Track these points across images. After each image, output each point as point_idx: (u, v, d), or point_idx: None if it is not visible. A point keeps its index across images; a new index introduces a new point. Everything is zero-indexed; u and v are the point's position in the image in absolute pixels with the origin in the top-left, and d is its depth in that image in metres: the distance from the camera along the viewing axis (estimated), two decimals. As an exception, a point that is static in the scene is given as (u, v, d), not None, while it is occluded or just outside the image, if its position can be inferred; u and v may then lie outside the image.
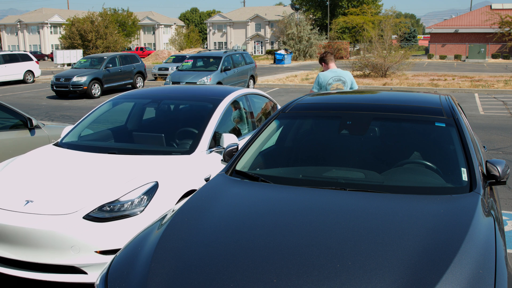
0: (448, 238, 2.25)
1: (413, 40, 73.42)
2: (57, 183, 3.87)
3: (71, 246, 3.42)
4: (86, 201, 3.57)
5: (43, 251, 3.45)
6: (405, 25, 35.23)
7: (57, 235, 3.41)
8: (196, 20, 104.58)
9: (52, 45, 75.16)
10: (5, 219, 3.52)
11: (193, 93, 5.65)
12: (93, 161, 4.25)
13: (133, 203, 3.62)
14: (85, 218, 3.48)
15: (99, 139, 5.12)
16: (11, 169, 4.21)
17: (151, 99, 5.56)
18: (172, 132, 4.81)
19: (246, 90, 5.70)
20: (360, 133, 3.59)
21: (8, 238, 3.52)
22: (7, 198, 3.72)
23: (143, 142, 4.79)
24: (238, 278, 2.01)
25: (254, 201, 2.88)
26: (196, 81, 16.25)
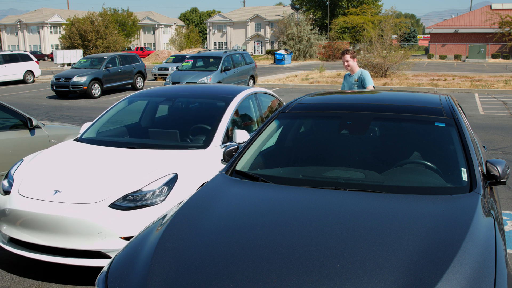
0: (448, 238, 2.25)
1: (413, 40, 73.41)
2: (82, 174, 4.12)
3: (98, 232, 3.65)
4: (111, 191, 3.81)
5: (72, 237, 3.69)
6: (405, 25, 35.23)
7: (85, 222, 3.65)
8: (196, 20, 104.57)
9: (52, 45, 75.16)
10: (36, 208, 3.78)
11: (206, 92, 5.96)
12: (114, 154, 4.49)
13: (155, 193, 3.85)
14: (111, 206, 3.72)
15: (117, 135, 5.37)
16: (37, 162, 4.44)
17: (166, 97, 5.83)
18: (186, 129, 5.06)
19: (255, 89, 5.96)
20: (360, 133, 3.59)
21: (39, 225, 3.77)
22: (37, 189, 3.97)
23: (158, 137, 5.03)
24: (238, 278, 2.01)
25: (254, 201, 2.88)
26: (196, 81, 16.25)
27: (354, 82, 6.32)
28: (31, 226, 3.82)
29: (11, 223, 3.94)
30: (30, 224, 3.83)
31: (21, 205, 3.87)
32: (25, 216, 3.84)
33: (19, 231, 3.90)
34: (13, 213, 3.91)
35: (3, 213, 3.98)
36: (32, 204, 3.83)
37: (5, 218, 3.97)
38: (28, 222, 3.83)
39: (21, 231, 3.89)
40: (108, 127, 5.46)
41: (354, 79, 6.33)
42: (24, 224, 3.86)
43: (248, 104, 5.61)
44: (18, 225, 3.90)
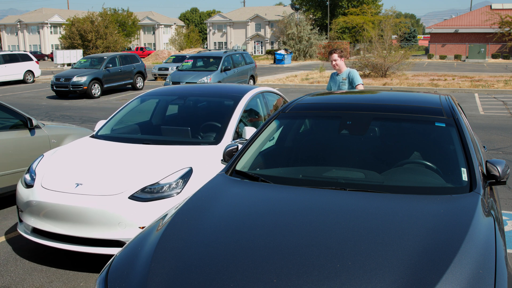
0: (448, 238, 2.25)
1: (413, 40, 73.40)
2: (101, 168, 4.35)
3: (118, 222, 3.85)
4: (130, 184, 4.03)
5: (93, 227, 3.90)
6: (405, 25, 35.21)
7: (106, 213, 3.87)
8: (196, 20, 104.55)
9: (52, 45, 75.14)
10: (59, 200, 4.01)
11: (215, 91, 6.25)
12: (130, 150, 4.72)
13: (171, 186, 4.07)
14: (130, 198, 3.93)
15: (130, 132, 5.58)
16: (57, 157, 4.69)
17: (177, 96, 6.06)
18: (197, 126, 5.27)
19: (262, 88, 6.17)
20: (360, 133, 3.58)
21: (62, 216, 4.00)
22: (59, 182, 4.21)
23: (171, 134, 5.23)
24: (238, 278, 2.01)
25: (254, 201, 2.88)
26: (196, 81, 16.25)
27: (342, 81, 6.35)
28: (54, 217, 4.04)
29: (34, 214, 4.16)
30: (53, 215, 4.04)
31: (45, 197, 4.10)
32: (49, 208, 4.05)
33: (43, 221, 4.11)
34: (36, 205, 4.12)
35: (27, 205, 4.21)
36: (55, 196, 4.06)
37: (29, 209, 4.20)
38: (52, 213, 4.05)
39: (44, 222, 4.10)
40: (121, 125, 5.69)
41: (342, 78, 6.37)
42: (48, 215, 4.07)
43: (255, 103, 5.84)
44: (41, 216, 4.11)
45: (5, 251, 4.54)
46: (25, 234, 4.29)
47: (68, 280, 3.92)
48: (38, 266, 4.20)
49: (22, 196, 4.33)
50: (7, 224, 5.30)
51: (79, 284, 3.86)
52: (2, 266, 4.22)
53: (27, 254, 4.45)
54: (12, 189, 5.67)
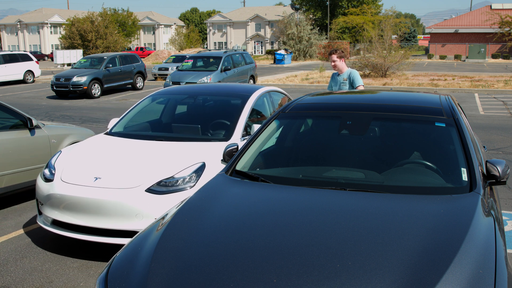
0: (448, 238, 2.24)
1: (413, 40, 73.39)
2: (118, 163, 4.57)
3: (136, 214, 4.04)
4: (146, 178, 4.23)
5: (112, 218, 4.10)
6: (405, 25, 35.21)
7: (124, 205, 4.07)
8: (196, 20, 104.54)
9: (52, 45, 75.13)
10: (79, 192, 4.21)
11: (224, 90, 6.52)
12: (144, 146, 4.94)
13: (185, 180, 4.26)
14: (147, 191, 4.13)
15: (142, 129, 5.77)
16: (75, 153, 4.90)
17: (187, 95, 6.30)
18: (207, 124, 5.48)
19: (268, 88, 6.40)
20: (360, 133, 3.58)
21: (81, 208, 4.19)
22: (78, 176, 4.41)
23: (182, 132, 5.42)
24: (238, 278, 2.01)
25: (254, 201, 2.88)
26: (196, 81, 16.25)
27: (343, 82, 6.36)
28: (74, 209, 4.24)
29: (54, 206, 4.35)
30: (73, 207, 4.24)
31: (65, 190, 4.30)
32: (69, 200, 4.25)
33: (63, 213, 4.31)
34: (57, 198, 4.32)
35: (48, 198, 4.40)
36: (75, 189, 4.26)
37: (49, 202, 4.39)
38: (71, 206, 4.25)
39: (64, 214, 4.30)
40: (133, 123, 5.88)
41: (343, 78, 6.38)
42: (68, 207, 4.27)
43: (262, 101, 6.06)
44: (61, 208, 4.31)
45: (5, 251, 4.54)
46: (45, 226, 4.48)
47: (68, 280, 3.92)
48: (38, 266, 4.20)
49: (42, 190, 4.51)
50: (7, 224, 5.30)
51: (79, 284, 3.86)
52: (2, 266, 4.22)
53: (28, 254, 4.46)
54: (12, 189, 5.68)
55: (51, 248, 4.58)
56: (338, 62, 6.39)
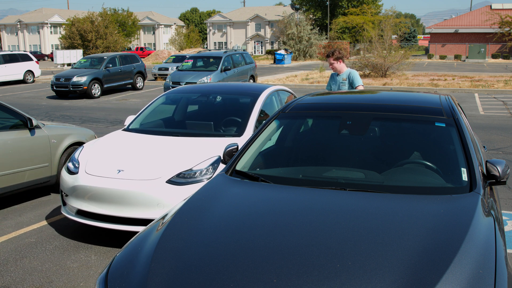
0: (448, 238, 2.24)
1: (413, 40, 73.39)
2: (139, 157, 4.84)
3: (157, 203, 4.29)
4: (167, 170, 4.49)
5: (134, 208, 4.35)
6: (405, 25, 35.21)
7: (147, 195, 4.33)
8: (196, 20, 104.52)
9: (52, 45, 75.12)
10: (103, 184, 4.47)
11: (235, 89, 6.87)
12: (161, 141, 5.22)
13: (202, 172, 4.51)
14: (167, 182, 4.39)
15: (158, 126, 6.01)
16: (97, 147, 5.18)
17: (200, 93, 6.61)
18: (219, 121, 5.75)
19: (276, 87, 6.69)
20: (360, 133, 3.58)
21: (106, 198, 4.45)
22: (102, 168, 4.67)
23: (196, 128, 5.70)
24: (238, 278, 2.01)
25: (254, 201, 2.88)
26: (196, 81, 16.24)
27: (342, 82, 6.37)
28: (98, 199, 4.49)
29: (79, 197, 4.62)
30: (97, 198, 4.49)
31: (90, 182, 4.56)
32: (93, 191, 4.51)
33: (87, 204, 4.56)
34: (82, 189, 4.58)
35: (73, 190, 4.66)
36: (99, 181, 4.52)
37: (74, 193, 4.65)
38: (96, 196, 4.50)
39: (89, 204, 4.55)
40: (149, 119, 6.13)
41: (342, 78, 6.39)
42: (92, 198, 4.53)
43: (271, 100, 6.31)
44: (86, 199, 4.57)
45: (5, 251, 4.54)
46: (70, 216, 4.75)
47: (68, 280, 3.92)
48: (38, 266, 4.20)
49: (67, 182, 4.76)
50: (7, 224, 5.30)
51: (79, 284, 3.86)
52: (2, 266, 4.22)
53: (28, 254, 4.46)
54: (12, 189, 5.67)
55: (51, 248, 4.58)
56: (336, 64, 6.41)
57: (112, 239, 4.78)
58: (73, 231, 5.03)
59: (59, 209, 5.75)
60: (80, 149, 5.22)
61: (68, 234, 4.94)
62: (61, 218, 5.44)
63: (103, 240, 4.75)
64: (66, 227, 5.16)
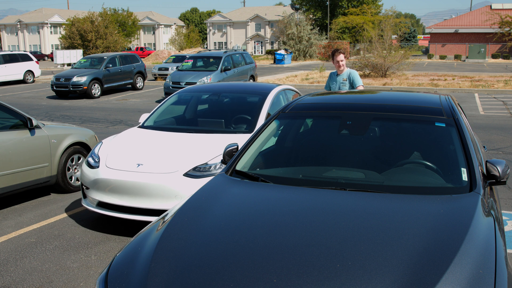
0: (448, 238, 2.24)
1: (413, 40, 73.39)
2: (156, 151, 5.08)
3: (175, 195, 4.50)
4: (183, 164, 4.74)
5: (154, 199, 4.60)
6: (405, 25, 35.22)
7: (165, 187, 4.57)
8: (196, 20, 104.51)
9: (52, 45, 75.12)
10: (123, 177, 4.71)
11: (245, 88, 7.14)
12: (176, 137, 5.47)
13: (217, 166, 4.73)
14: (184, 175, 4.63)
15: (172, 123, 6.26)
16: (115, 143, 5.41)
17: (211, 92, 6.91)
18: (230, 118, 6.01)
19: (284, 86, 6.93)
20: (360, 133, 3.58)
21: (126, 191, 4.69)
22: (122, 162, 4.90)
23: (207, 125, 5.92)
24: (238, 278, 2.01)
25: (254, 201, 2.88)
26: (196, 81, 16.23)
27: (343, 82, 6.36)
28: (119, 192, 4.73)
29: (100, 190, 4.85)
30: (118, 190, 4.73)
31: (111, 175, 4.79)
32: (114, 184, 4.74)
33: (108, 196, 4.80)
34: (103, 182, 4.81)
35: (94, 183, 4.88)
36: (120, 174, 4.75)
37: (95, 186, 4.88)
38: (117, 188, 4.74)
39: (109, 196, 4.80)
40: (162, 117, 6.38)
41: (343, 79, 6.38)
42: (113, 190, 4.76)
43: (279, 98, 6.52)
44: (107, 191, 4.80)
45: (5, 251, 4.54)
46: (91, 207, 5.00)
47: (68, 280, 3.92)
48: (38, 266, 4.20)
49: (88, 176, 4.99)
50: (7, 224, 5.30)
51: (79, 284, 3.86)
52: (2, 266, 4.22)
53: (28, 254, 4.46)
54: (12, 189, 5.67)
55: (51, 248, 4.58)
56: (342, 62, 6.38)
57: (112, 239, 4.78)
58: (73, 232, 5.03)
59: (58, 209, 5.76)
60: (99, 144, 5.47)
61: (68, 234, 4.95)
62: (61, 218, 5.44)
63: (103, 240, 4.76)
64: (66, 227, 5.16)
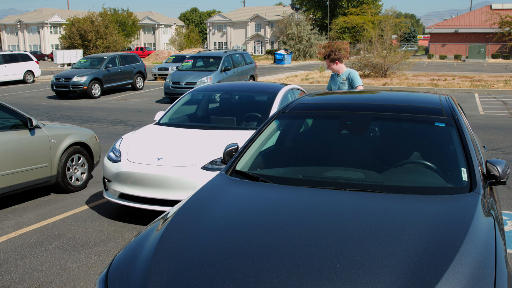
0: (448, 238, 2.24)
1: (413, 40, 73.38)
2: (174, 146, 5.39)
3: (194, 187, 4.53)
4: (201, 158, 5.02)
5: (173, 191, 4.87)
6: (405, 25, 35.22)
7: (185, 180, 4.85)
8: (196, 20, 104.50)
9: (52, 45, 75.11)
10: (145, 170, 5.01)
11: (255, 88, 7.48)
12: (192, 133, 5.77)
13: None
14: (202, 168, 4.89)
15: (186, 120, 6.54)
16: (135, 139, 5.70)
17: (223, 91, 7.23)
18: (242, 116, 6.29)
19: (291, 86, 7.16)
20: (360, 133, 3.58)
21: (147, 183, 4.98)
22: (143, 156, 5.20)
23: (220, 122, 6.20)
24: (238, 278, 2.01)
25: (254, 201, 2.88)
26: (196, 81, 16.23)
27: (342, 82, 6.38)
28: (140, 184, 5.01)
29: (122, 182, 5.14)
30: (139, 182, 5.02)
31: (132, 168, 5.08)
32: (136, 176, 5.04)
33: (130, 188, 5.09)
34: (125, 175, 5.10)
35: (116, 176, 5.17)
36: (141, 167, 5.05)
37: (117, 179, 5.17)
38: (138, 181, 5.03)
39: (131, 188, 5.08)
40: (177, 115, 6.64)
41: (342, 79, 6.40)
42: (135, 182, 5.05)
43: (287, 97, 6.70)
44: (129, 183, 5.09)
45: (5, 251, 4.54)
46: (112, 199, 5.31)
47: (68, 280, 3.92)
48: (38, 266, 4.20)
49: (110, 169, 5.28)
50: (7, 224, 5.30)
51: (79, 284, 3.86)
52: (2, 266, 4.22)
53: (28, 254, 4.46)
54: (12, 189, 5.67)
55: (51, 248, 4.58)
56: (333, 65, 6.44)
57: (112, 239, 4.78)
58: (73, 232, 5.03)
59: (59, 209, 5.76)
60: (120, 140, 5.76)
61: (68, 234, 4.95)
62: (61, 218, 5.44)
63: (103, 240, 4.76)
64: (66, 227, 5.17)
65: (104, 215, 5.52)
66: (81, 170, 6.65)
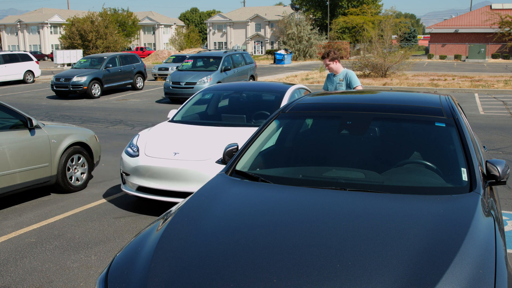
0: (448, 238, 2.24)
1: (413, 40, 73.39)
2: (189, 142, 5.66)
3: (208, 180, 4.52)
4: (215, 152, 5.23)
5: (189, 184, 5.11)
6: (405, 25, 35.22)
7: (200, 173, 5.09)
8: (196, 20, 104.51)
9: (52, 45, 75.11)
10: (162, 164, 5.30)
11: (264, 87, 7.79)
12: (204, 130, 6.04)
13: None
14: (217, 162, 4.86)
15: (199, 118, 6.81)
16: (151, 135, 5.96)
17: (233, 90, 7.48)
18: (251, 114, 6.56)
19: (298, 85, 7.40)
20: (360, 133, 3.58)
21: (164, 176, 5.26)
22: (160, 151, 5.49)
23: (230, 120, 6.42)
24: (238, 278, 2.01)
25: (254, 201, 2.88)
26: (196, 81, 16.23)
27: (339, 82, 6.38)
28: (158, 177, 5.29)
29: (140, 175, 5.40)
30: (157, 176, 5.29)
31: (150, 162, 5.36)
32: (153, 170, 5.31)
33: (148, 181, 5.36)
34: (143, 169, 5.37)
35: (134, 170, 5.44)
36: (158, 161, 5.33)
37: (135, 172, 5.43)
38: (156, 174, 5.30)
39: (149, 181, 5.35)
40: (189, 113, 6.92)
41: (339, 79, 6.39)
42: (152, 176, 5.32)
43: (294, 96, 6.84)
44: (146, 177, 5.36)
45: (5, 251, 4.54)
46: (131, 192, 5.55)
47: (68, 280, 3.92)
48: (38, 266, 4.20)
49: (128, 163, 5.53)
50: (7, 224, 5.30)
51: (79, 284, 3.86)
52: (2, 266, 4.22)
53: (28, 254, 4.46)
54: (12, 189, 5.67)
55: (51, 248, 4.58)
56: (332, 64, 6.42)
57: (112, 239, 4.78)
58: (73, 232, 5.03)
59: (58, 209, 5.76)
60: (136, 136, 6.02)
61: (68, 234, 4.95)
62: (61, 218, 5.44)
63: (103, 240, 4.76)
64: (66, 227, 5.17)
65: (104, 215, 5.52)
66: (81, 170, 6.65)
